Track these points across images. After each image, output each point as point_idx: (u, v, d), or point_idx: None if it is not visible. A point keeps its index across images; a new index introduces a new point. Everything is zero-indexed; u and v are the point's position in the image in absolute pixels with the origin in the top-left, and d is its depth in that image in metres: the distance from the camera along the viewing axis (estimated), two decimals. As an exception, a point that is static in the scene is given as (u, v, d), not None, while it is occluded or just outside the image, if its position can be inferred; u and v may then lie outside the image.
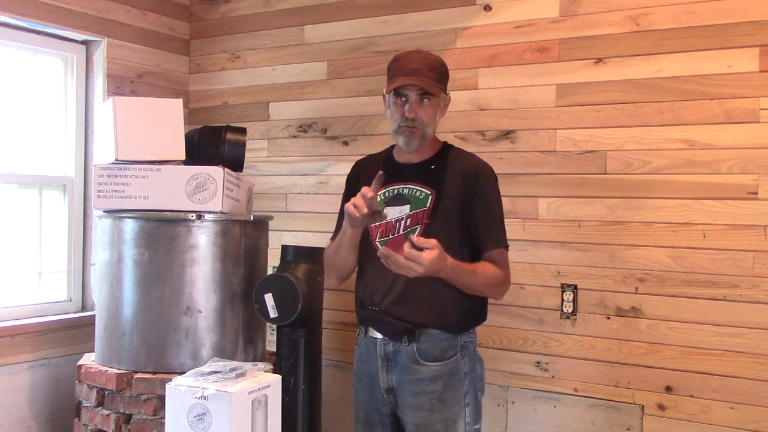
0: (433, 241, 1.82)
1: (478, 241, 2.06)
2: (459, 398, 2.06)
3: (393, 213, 2.09)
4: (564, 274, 2.73)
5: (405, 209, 2.08)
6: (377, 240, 2.10)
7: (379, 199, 2.13)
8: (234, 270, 2.64)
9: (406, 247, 1.81)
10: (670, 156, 2.54)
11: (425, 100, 2.03)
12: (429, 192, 2.07)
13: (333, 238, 2.28)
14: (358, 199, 1.92)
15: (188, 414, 1.64)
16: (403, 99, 2.03)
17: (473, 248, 2.07)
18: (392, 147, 2.22)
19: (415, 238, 1.83)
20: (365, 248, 2.14)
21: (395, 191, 2.12)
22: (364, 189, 1.91)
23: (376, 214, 1.95)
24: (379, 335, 2.10)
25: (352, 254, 2.15)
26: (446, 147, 2.18)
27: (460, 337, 2.07)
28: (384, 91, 2.10)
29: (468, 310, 2.09)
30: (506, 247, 2.10)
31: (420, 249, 1.81)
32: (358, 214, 1.91)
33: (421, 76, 2.00)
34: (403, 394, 2.06)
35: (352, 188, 2.25)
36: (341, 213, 2.27)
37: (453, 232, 2.04)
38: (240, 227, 2.67)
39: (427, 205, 2.06)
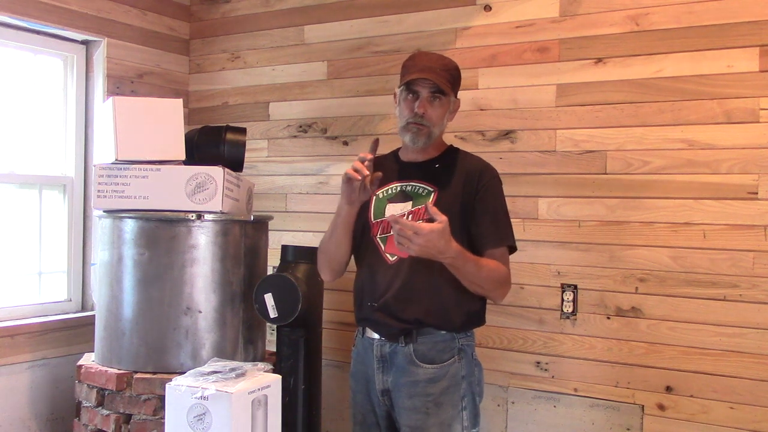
0: (444, 217, 1.83)
1: (478, 239, 2.05)
2: (456, 402, 2.04)
3: (395, 209, 2.09)
4: (564, 274, 2.73)
5: (407, 206, 2.09)
6: (378, 236, 2.10)
7: (381, 196, 2.14)
8: (234, 270, 2.64)
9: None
10: (670, 156, 2.54)
11: (436, 99, 2.04)
12: (431, 189, 2.07)
13: None
14: (357, 163, 1.96)
15: (188, 414, 1.64)
16: (415, 95, 2.05)
17: (474, 248, 2.06)
18: (398, 149, 2.22)
19: (431, 206, 1.85)
20: (366, 245, 2.14)
21: (398, 188, 2.12)
22: (361, 154, 1.97)
23: (373, 182, 1.99)
24: (376, 336, 2.10)
25: (346, 238, 2.13)
26: (451, 149, 2.19)
27: (458, 339, 2.06)
28: (396, 87, 2.11)
29: (468, 310, 2.08)
30: (510, 247, 2.09)
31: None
32: (359, 177, 1.94)
33: (435, 73, 2.02)
34: (399, 396, 2.06)
35: None
36: None
37: (454, 229, 2.03)
38: (240, 227, 2.67)
39: (429, 202, 2.06)
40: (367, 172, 1.95)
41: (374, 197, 2.15)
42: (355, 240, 2.19)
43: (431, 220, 2.01)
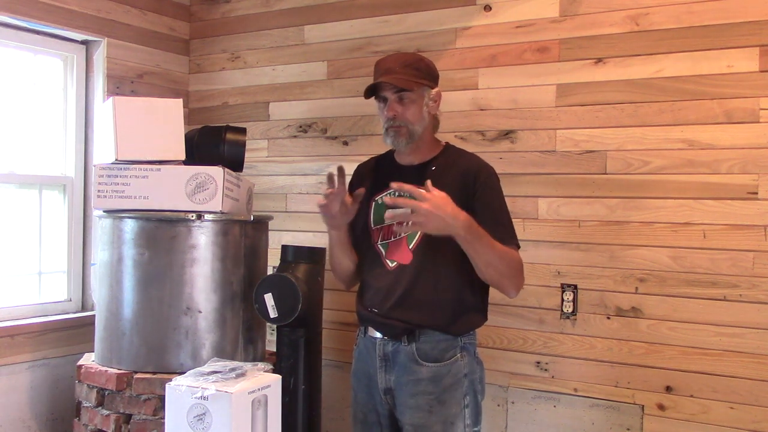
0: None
1: None
2: (458, 400, 2.05)
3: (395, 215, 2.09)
4: (564, 274, 2.73)
5: (407, 211, 2.07)
6: (379, 243, 2.10)
7: (380, 202, 2.13)
8: (234, 270, 2.64)
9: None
10: (670, 156, 2.54)
11: (404, 98, 2.03)
12: None
13: None
14: (322, 200, 2.02)
15: (188, 414, 1.64)
16: (384, 100, 2.05)
17: None
18: (393, 150, 2.22)
19: (429, 184, 1.86)
20: (367, 252, 2.13)
21: (395, 194, 2.11)
22: (327, 191, 2.01)
23: (355, 200, 2.04)
24: (378, 335, 2.10)
25: (345, 255, 2.16)
26: (447, 148, 2.17)
27: (459, 338, 2.07)
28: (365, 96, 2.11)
29: (469, 312, 2.08)
30: (516, 246, 2.05)
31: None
32: (326, 202, 2.02)
33: (393, 74, 2.02)
34: (402, 395, 2.06)
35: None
36: None
37: None
38: (240, 227, 2.67)
39: None
40: (332, 191, 2.01)
41: (373, 203, 2.14)
42: (356, 244, 2.19)
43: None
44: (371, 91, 2.07)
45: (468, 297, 2.06)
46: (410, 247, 2.05)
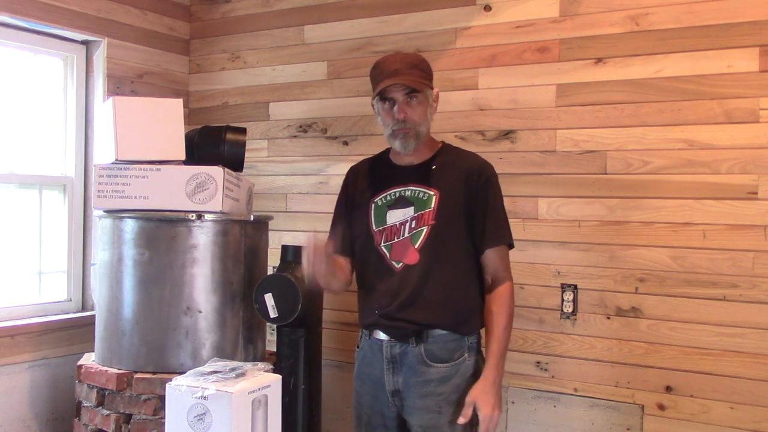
0: (469, 400, 2.00)
1: (479, 239, 2.06)
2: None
3: (396, 216, 2.08)
4: (564, 274, 2.73)
5: (409, 211, 2.07)
6: (382, 245, 2.09)
7: (380, 203, 2.13)
8: (234, 270, 2.64)
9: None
10: (670, 156, 2.54)
11: (413, 99, 2.02)
12: (432, 193, 2.06)
13: None
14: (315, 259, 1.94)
15: (188, 414, 1.64)
16: (391, 102, 2.03)
17: (475, 246, 2.07)
18: (388, 150, 2.21)
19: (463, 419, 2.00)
20: (370, 254, 2.12)
21: (397, 194, 2.11)
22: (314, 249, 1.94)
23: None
24: (385, 337, 2.09)
25: (336, 274, 2.12)
26: (445, 147, 2.17)
27: (467, 338, 2.07)
28: (371, 99, 2.08)
29: (476, 311, 2.08)
30: (509, 245, 2.10)
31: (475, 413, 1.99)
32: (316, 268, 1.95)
33: (403, 75, 1.99)
34: (410, 396, 2.05)
35: (348, 193, 2.24)
36: (335, 218, 2.27)
37: (459, 231, 2.04)
38: (240, 227, 2.67)
39: (432, 206, 2.05)
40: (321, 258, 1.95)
41: (373, 204, 2.14)
42: (355, 249, 2.18)
43: (439, 220, 2.02)
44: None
45: (474, 295, 2.07)
46: (416, 246, 2.04)
